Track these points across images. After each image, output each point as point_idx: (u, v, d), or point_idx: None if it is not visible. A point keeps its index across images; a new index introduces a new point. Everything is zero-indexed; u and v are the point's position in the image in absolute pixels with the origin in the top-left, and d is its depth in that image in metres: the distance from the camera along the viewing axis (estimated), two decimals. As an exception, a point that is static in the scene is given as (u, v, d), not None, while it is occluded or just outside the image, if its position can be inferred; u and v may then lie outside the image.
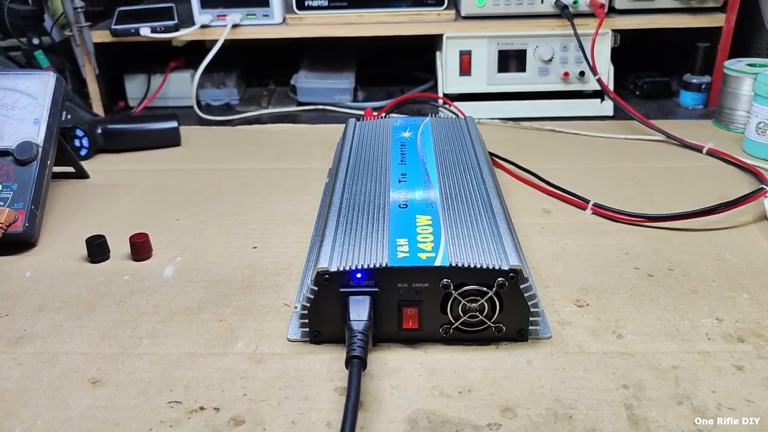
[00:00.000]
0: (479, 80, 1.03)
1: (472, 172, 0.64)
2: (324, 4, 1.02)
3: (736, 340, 0.50)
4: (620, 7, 1.01)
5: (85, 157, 0.89)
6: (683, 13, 1.01)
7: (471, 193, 0.60)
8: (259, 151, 0.92)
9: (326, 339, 0.51)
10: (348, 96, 1.11)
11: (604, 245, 0.65)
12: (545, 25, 1.00)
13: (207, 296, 0.58)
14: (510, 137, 0.95)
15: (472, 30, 1.00)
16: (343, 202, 0.59)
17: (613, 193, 0.76)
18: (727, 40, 1.02)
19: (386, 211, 0.56)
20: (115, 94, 1.12)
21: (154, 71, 1.11)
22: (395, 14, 1.02)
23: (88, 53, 1.02)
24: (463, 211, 0.56)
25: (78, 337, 0.52)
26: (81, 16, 0.98)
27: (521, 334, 0.51)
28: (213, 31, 1.02)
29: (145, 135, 0.92)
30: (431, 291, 0.49)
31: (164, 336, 0.52)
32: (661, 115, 1.04)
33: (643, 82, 1.11)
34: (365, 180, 0.64)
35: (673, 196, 0.75)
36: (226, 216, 0.73)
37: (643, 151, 0.89)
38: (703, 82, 1.04)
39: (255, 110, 1.09)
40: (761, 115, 0.83)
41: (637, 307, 0.55)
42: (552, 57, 1.01)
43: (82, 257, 0.64)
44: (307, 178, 0.82)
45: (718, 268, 0.60)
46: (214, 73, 1.13)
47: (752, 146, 0.85)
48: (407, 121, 0.80)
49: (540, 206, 0.74)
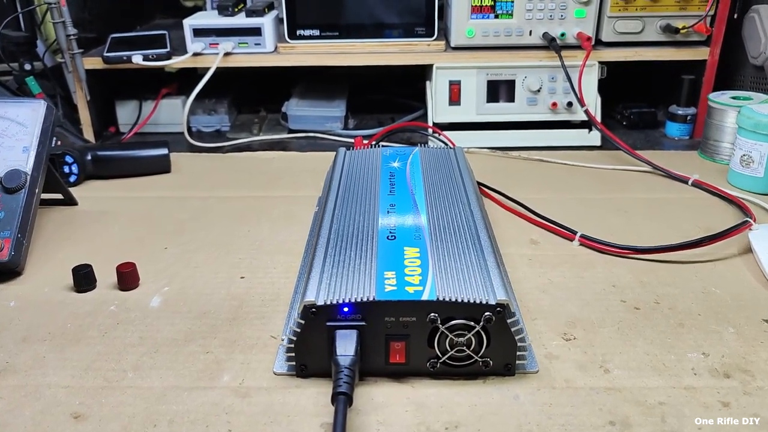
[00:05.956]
0: (468, 110, 1.04)
1: (461, 204, 0.65)
2: (316, 33, 1.03)
3: (722, 375, 0.50)
4: (607, 40, 1.03)
5: (75, 184, 0.89)
6: (668, 46, 1.03)
7: (459, 224, 0.60)
8: (249, 178, 0.92)
9: (313, 372, 0.51)
10: (339, 124, 1.12)
11: (591, 277, 0.65)
12: (534, 57, 1.02)
13: (193, 327, 0.57)
14: (498, 166, 0.96)
15: (461, 60, 1.02)
16: (332, 233, 0.60)
17: (600, 224, 0.77)
18: (711, 72, 1.04)
19: (374, 243, 0.57)
20: (106, 119, 1.12)
21: (145, 97, 1.12)
22: (386, 44, 1.03)
23: (80, 80, 1.02)
24: (451, 243, 0.57)
25: (61, 369, 0.52)
26: (74, 43, 0.99)
27: (508, 368, 0.51)
28: (205, 59, 1.02)
29: (135, 162, 0.92)
30: (419, 325, 0.49)
31: (149, 369, 0.52)
32: (647, 145, 1.05)
33: (630, 112, 1.13)
34: (354, 210, 0.64)
35: (659, 227, 0.76)
36: (215, 245, 0.73)
37: (629, 181, 0.90)
38: (688, 113, 1.06)
39: (246, 137, 1.10)
40: (745, 148, 0.84)
41: (624, 340, 0.55)
42: (540, 87, 1.03)
43: (68, 286, 0.64)
44: (297, 207, 0.82)
45: (703, 301, 0.60)
46: (205, 100, 1.14)
47: (737, 178, 0.86)
48: (397, 151, 0.81)
49: (528, 237, 0.74)
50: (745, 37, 1.03)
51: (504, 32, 1.01)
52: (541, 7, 1.00)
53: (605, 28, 1.02)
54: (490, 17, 1.01)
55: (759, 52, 0.99)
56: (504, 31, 1.01)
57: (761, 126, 0.82)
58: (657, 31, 1.02)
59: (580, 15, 1.00)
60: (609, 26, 1.02)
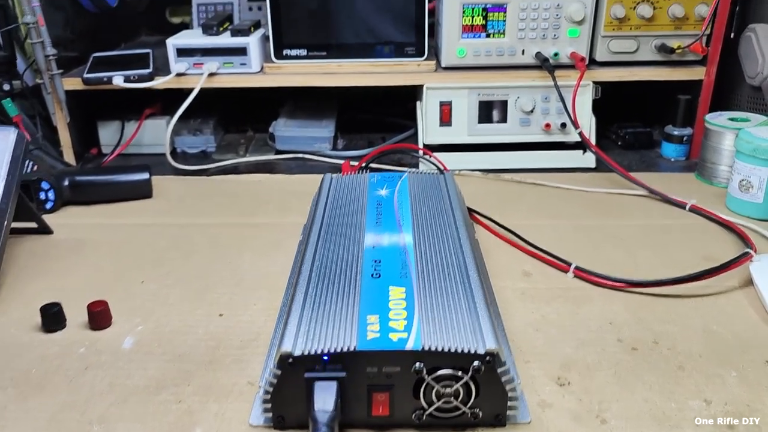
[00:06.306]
0: (460, 131, 1.02)
1: (450, 237, 0.62)
2: (303, 53, 1.00)
3: (725, 427, 0.47)
4: (601, 59, 1.01)
5: (51, 210, 0.85)
6: (664, 65, 1.01)
7: (448, 259, 0.57)
8: (233, 203, 0.89)
9: (291, 425, 0.47)
10: (328, 144, 1.09)
11: (586, 313, 0.62)
12: (526, 76, 1.00)
13: (167, 373, 0.54)
14: (491, 190, 0.93)
15: (452, 81, 0.99)
16: (313, 269, 0.57)
17: (596, 253, 0.74)
18: (707, 92, 1.02)
19: (358, 282, 0.54)
20: (87, 140, 1.09)
21: (128, 117, 1.09)
22: (375, 65, 1.01)
23: (59, 101, 0.99)
24: (439, 281, 0.54)
25: (23, 422, 0.49)
26: (53, 63, 0.96)
27: (499, 419, 0.47)
28: (189, 79, 1.00)
29: (115, 187, 0.89)
30: (403, 375, 0.46)
31: (116, 421, 0.49)
32: (643, 166, 1.03)
33: (625, 132, 1.10)
34: (338, 243, 0.61)
35: (656, 257, 0.73)
36: (194, 278, 0.69)
37: (625, 206, 0.87)
38: (684, 134, 1.04)
39: (232, 158, 1.07)
40: (743, 173, 0.82)
41: (622, 386, 0.52)
42: (533, 108, 1.00)
43: (36, 326, 0.60)
44: (282, 235, 0.79)
45: (704, 341, 0.58)
46: (190, 120, 1.11)
47: (735, 203, 0.84)
48: (384, 177, 0.78)
49: (521, 268, 0.71)
50: (742, 56, 1.01)
51: (496, 52, 0.99)
52: (533, 27, 0.97)
53: (599, 48, 1.00)
54: (481, 36, 0.98)
55: (756, 72, 0.97)
56: (496, 50, 0.99)
57: (760, 150, 0.79)
58: (652, 50, 1.00)
59: (573, 34, 0.98)
60: (603, 46, 1.00)
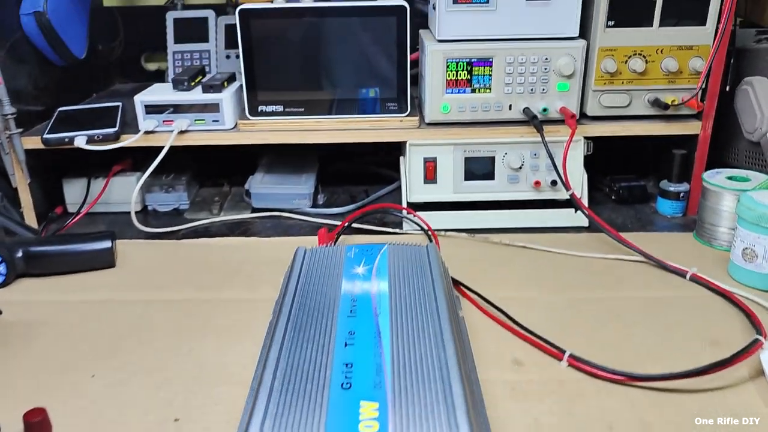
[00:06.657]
0: (445, 188, 0.96)
1: (432, 331, 0.56)
2: (279, 109, 0.95)
3: None
4: (592, 114, 0.96)
5: (2, 285, 0.79)
6: (658, 120, 0.96)
7: (429, 362, 0.52)
8: (202, 273, 0.83)
9: None
10: (307, 201, 1.04)
11: (583, 414, 0.56)
12: (514, 132, 0.95)
13: (107, 501, 0.47)
14: (478, 255, 0.87)
15: (436, 137, 0.94)
16: (277, 374, 0.51)
17: (591, 335, 0.68)
18: (704, 147, 0.97)
19: (325, 394, 0.48)
20: (52, 199, 1.03)
21: (96, 174, 1.03)
22: (356, 121, 0.96)
23: (19, 161, 0.93)
24: (418, 393, 0.48)
25: None
26: (11, 122, 0.90)
27: None
28: (158, 137, 0.94)
29: (74, 257, 0.82)
30: None
31: None
32: (639, 225, 0.97)
33: (618, 186, 1.05)
34: (307, 340, 0.55)
35: (656, 338, 0.67)
36: (150, 371, 0.63)
37: (621, 275, 0.81)
38: (680, 190, 0.99)
39: (205, 217, 1.01)
40: (747, 241, 0.77)
41: None
42: (522, 164, 0.95)
43: (-35, 438, 0.54)
44: (250, 314, 0.73)
45: (715, 452, 0.52)
46: (162, 176, 1.05)
47: (739, 273, 0.78)
48: (363, 251, 0.72)
49: (510, 355, 0.65)
50: (739, 110, 0.97)
51: (482, 107, 0.94)
52: (521, 81, 0.93)
53: (590, 102, 0.95)
54: (466, 92, 0.93)
55: (755, 128, 0.93)
56: (482, 106, 0.94)
57: (765, 219, 0.74)
58: (645, 104, 0.95)
59: (562, 89, 0.93)
60: (594, 100, 0.95)
